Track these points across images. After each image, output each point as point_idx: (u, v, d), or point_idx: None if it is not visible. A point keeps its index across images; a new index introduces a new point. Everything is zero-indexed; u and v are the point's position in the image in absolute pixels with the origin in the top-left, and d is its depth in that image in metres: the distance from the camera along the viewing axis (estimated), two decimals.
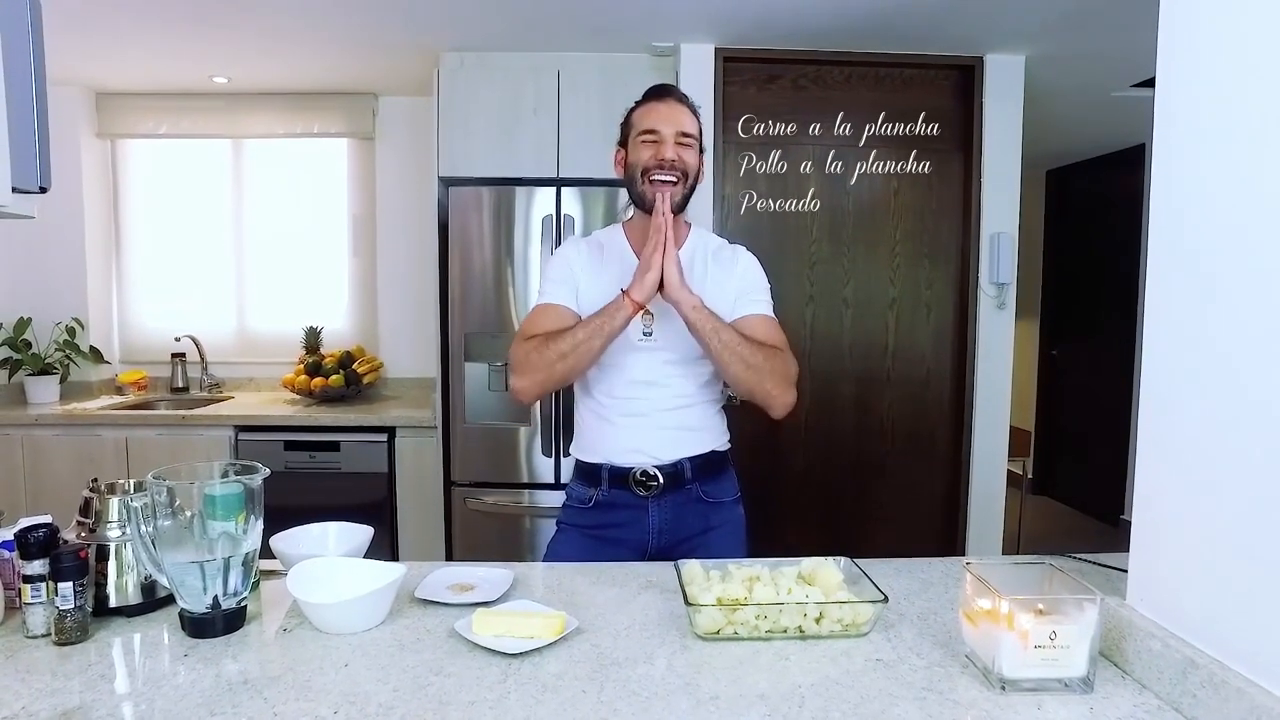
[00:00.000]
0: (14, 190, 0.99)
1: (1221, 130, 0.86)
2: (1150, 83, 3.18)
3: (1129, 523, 1.00)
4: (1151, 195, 0.96)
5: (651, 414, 1.47)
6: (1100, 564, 1.28)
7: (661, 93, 1.49)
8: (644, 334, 1.47)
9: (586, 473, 1.53)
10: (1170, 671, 0.86)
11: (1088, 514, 4.74)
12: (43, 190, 1.05)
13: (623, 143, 1.52)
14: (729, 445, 1.56)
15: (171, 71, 3.26)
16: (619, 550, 1.47)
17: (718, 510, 1.53)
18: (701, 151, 1.51)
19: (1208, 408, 0.87)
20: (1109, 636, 0.96)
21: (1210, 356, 0.86)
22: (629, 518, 1.49)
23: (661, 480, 1.46)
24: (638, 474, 1.46)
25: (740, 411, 1.71)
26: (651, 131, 1.44)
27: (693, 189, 1.48)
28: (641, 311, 1.40)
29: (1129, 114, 3.59)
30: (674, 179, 1.43)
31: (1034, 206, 4.89)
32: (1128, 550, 1.01)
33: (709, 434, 1.51)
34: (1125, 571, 1.01)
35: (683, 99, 1.49)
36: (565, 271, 1.51)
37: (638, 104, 1.51)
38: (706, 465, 1.50)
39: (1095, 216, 4.73)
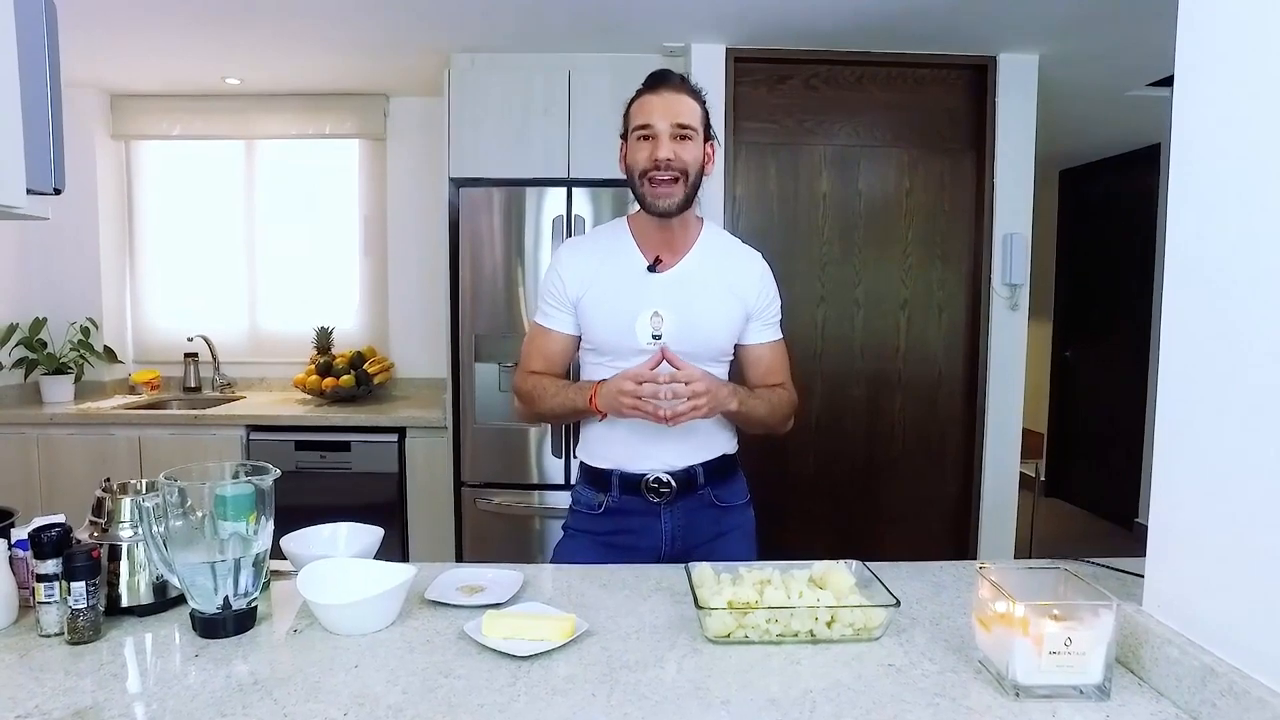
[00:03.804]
0: (29, 192, 0.99)
1: (1241, 131, 0.85)
2: (1166, 82, 3.17)
3: (1143, 525, 0.99)
4: (1169, 197, 0.95)
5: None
6: (1115, 569, 1.27)
7: (656, 82, 1.39)
8: (653, 336, 1.41)
9: (595, 478, 1.50)
10: (1189, 679, 0.85)
11: (1101, 516, 4.70)
12: (57, 192, 1.05)
13: (624, 136, 1.45)
14: (737, 447, 1.55)
15: (185, 73, 3.28)
16: (632, 557, 1.43)
17: (729, 514, 1.51)
18: (710, 139, 1.42)
19: (1226, 411, 0.85)
20: (1125, 643, 0.95)
21: (1228, 360, 0.85)
22: (642, 524, 1.46)
23: (674, 486, 1.44)
24: (650, 480, 1.44)
25: None
26: (646, 126, 1.37)
27: (698, 183, 1.40)
28: (651, 313, 1.41)
29: (1144, 114, 3.56)
30: (671, 178, 1.36)
31: (1047, 207, 4.87)
32: (1142, 554, 1.00)
33: (720, 438, 1.49)
34: (1141, 576, 1.00)
35: (680, 84, 1.39)
36: (559, 290, 1.47)
37: (635, 95, 1.42)
38: (718, 469, 1.48)
39: (1109, 217, 4.69)
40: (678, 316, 1.42)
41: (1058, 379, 5.20)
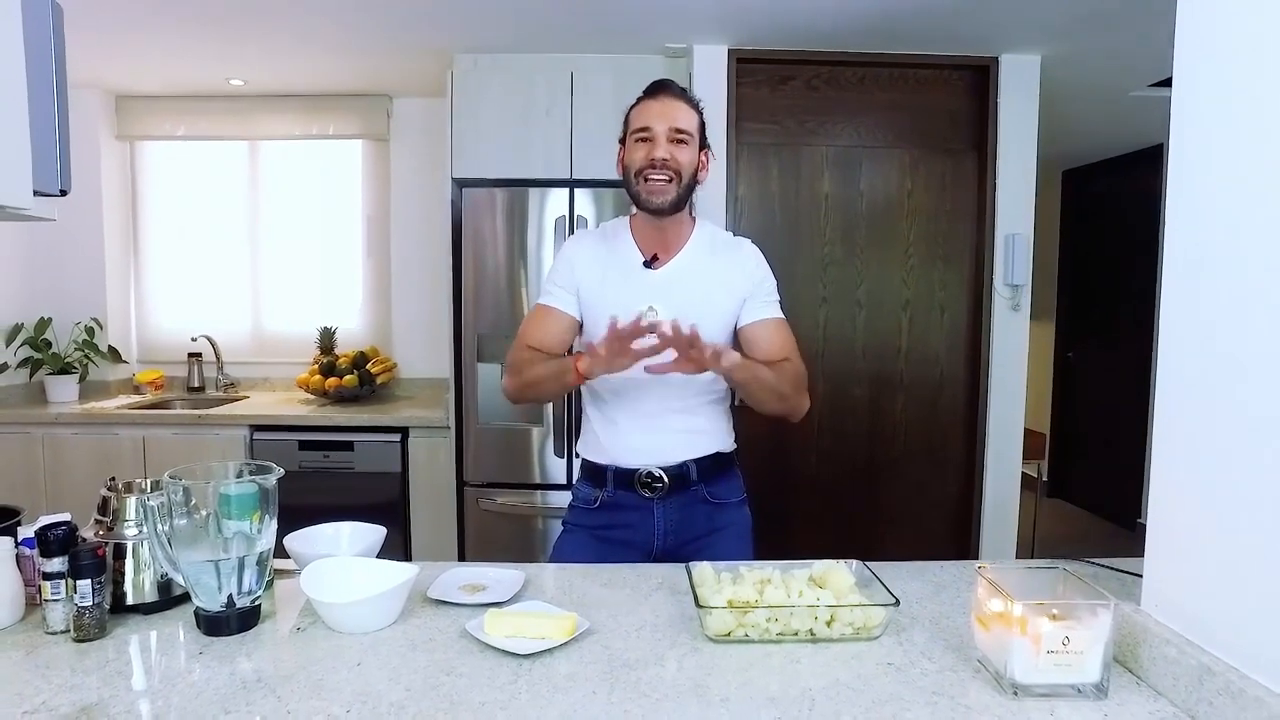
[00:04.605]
0: (35, 193, 1.00)
1: (1239, 131, 0.85)
2: (1168, 82, 3.16)
3: (1145, 526, 0.99)
4: (1168, 198, 0.95)
5: (658, 415, 1.47)
6: (1115, 568, 1.27)
7: (656, 89, 1.46)
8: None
9: (592, 473, 1.53)
10: (1186, 678, 0.85)
11: (1103, 517, 4.69)
12: (63, 193, 1.06)
13: (622, 140, 1.50)
14: (734, 446, 1.56)
15: (188, 74, 3.29)
16: (625, 551, 1.47)
17: (723, 511, 1.52)
18: (705, 147, 1.48)
19: (1225, 411, 0.86)
20: (1123, 642, 0.95)
21: (1227, 360, 0.86)
22: (635, 519, 1.49)
23: (667, 481, 1.46)
24: (643, 475, 1.46)
25: (749, 413, 1.70)
26: (644, 129, 1.42)
27: (691, 186, 1.45)
28: (648, 309, 1.42)
29: (1146, 114, 3.55)
30: (666, 178, 1.41)
31: (1050, 207, 4.86)
32: (1143, 554, 1.00)
33: (715, 435, 1.51)
34: (1140, 576, 1.00)
35: (680, 93, 1.45)
36: (566, 272, 1.52)
37: (635, 101, 1.48)
38: (712, 466, 1.50)
39: (1112, 217, 4.68)
40: (672, 311, 1.42)
41: (1060, 379, 5.20)
